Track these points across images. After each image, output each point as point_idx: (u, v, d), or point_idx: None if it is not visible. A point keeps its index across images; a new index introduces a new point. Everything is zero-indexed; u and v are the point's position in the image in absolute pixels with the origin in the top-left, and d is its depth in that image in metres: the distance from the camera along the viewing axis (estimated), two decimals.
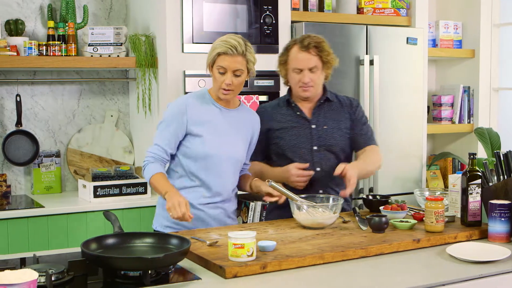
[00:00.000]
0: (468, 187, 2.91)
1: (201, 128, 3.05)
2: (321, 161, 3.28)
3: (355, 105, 3.39)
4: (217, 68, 3.03)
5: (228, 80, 3.00)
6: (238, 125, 3.15)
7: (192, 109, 3.07)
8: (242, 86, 3.09)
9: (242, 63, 3.01)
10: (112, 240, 2.47)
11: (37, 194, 4.36)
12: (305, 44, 3.20)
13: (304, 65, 3.21)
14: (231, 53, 2.99)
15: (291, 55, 3.25)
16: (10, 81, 4.35)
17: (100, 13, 4.62)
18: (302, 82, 3.22)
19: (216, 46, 3.04)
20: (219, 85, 3.04)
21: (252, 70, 3.09)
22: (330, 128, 3.30)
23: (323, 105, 3.34)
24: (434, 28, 5.42)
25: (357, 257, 2.54)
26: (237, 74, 3.01)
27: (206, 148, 3.04)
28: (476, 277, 2.36)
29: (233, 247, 2.36)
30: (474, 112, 5.47)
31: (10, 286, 1.88)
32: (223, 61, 3.00)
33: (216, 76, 3.04)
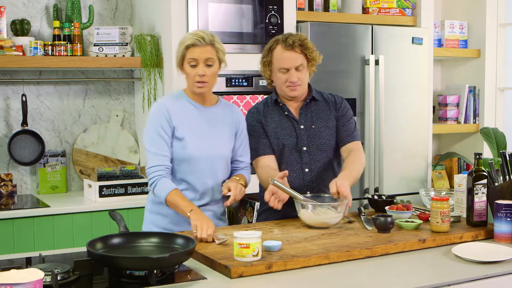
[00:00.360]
0: (474, 187, 2.90)
1: (182, 131, 3.02)
2: (310, 161, 3.25)
3: (339, 102, 3.36)
4: (188, 62, 2.99)
5: (200, 71, 2.97)
6: (219, 122, 3.11)
7: (173, 112, 3.03)
8: (215, 77, 3.05)
9: (212, 53, 2.98)
10: (117, 239, 2.48)
11: (43, 194, 4.36)
12: (290, 43, 3.17)
13: (290, 64, 3.18)
14: (199, 44, 2.96)
15: (275, 55, 3.22)
16: (16, 81, 4.36)
17: (105, 13, 4.63)
18: (289, 82, 3.19)
19: (183, 40, 3.01)
20: (193, 79, 3.00)
21: (224, 60, 3.06)
22: (318, 128, 3.28)
23: (309, 104, 3.31)
24: (440, 28, 5.41)
25: (363, 257, 2.54)
26: (209, 64, 2.98)
27: (189, 151, 3.01)
28: (482, 278, 2.35)
29: (239, 246, 2.36)
30: (479, 112, 5.46)
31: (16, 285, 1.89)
32: (193, 53, 2.97)
33: (188, 70, 3.00)
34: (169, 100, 3.10)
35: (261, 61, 3.31)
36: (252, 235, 2.37)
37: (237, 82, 4.26)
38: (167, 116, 3.02)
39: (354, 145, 3.30)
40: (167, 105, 3.05)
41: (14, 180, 4.38)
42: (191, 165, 3.03)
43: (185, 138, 3.01)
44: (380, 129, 4.67)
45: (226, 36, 4.21)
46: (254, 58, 4.29)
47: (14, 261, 2.50)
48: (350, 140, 3.30)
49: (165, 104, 3.06)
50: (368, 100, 4.64)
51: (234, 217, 4.53)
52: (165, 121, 3.01)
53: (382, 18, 4.89)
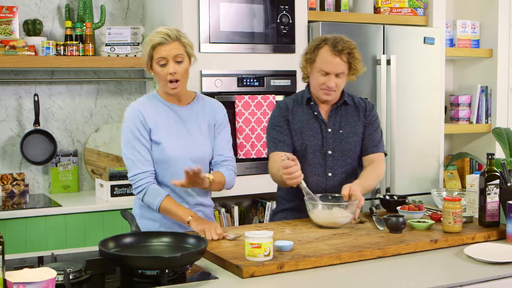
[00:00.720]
0: (486, 187, 2.89)
1: (158, 133, 2.97)
2: (334, 166, 3.21)
3: (369, 109, 3.31)
4: (157, 61, 2.92)
5: (171, 69, 2.90)
6: (195, 120, 3.05)
7: (147, 114, 2.98)
8: (187, 74, 2.99)
9: (180, 48, 2.92)
10: (129, 239, 2.48)
11: (55, 193, 4.38)
12: (339, 49, 3.09)
13: (332, 69, 3.11)
14: (166, 41, 2.90)
15: (321, 55, 3.13)
16: (28, 81, 4.37)
17: (117, 13, 4.64)
18: (326, 86, 3.13)
19: (148, 41, 2.95)
20: (165, 78, 2.93)
21: (193, 54, 3.00)
22: (345, 133, 3.23)
23: (339, 108, 3.26)
24: (452, 27, 5.39)
25: (374, 257, 2.53)
26: (178, 61, 2.92)
27: (166, 154, 2.96)
28: (494, 278, 2.34)
29: (250, 246, 2.36)
30: (491, 112, 5.44)
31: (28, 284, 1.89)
32: (160, 51, 2.90)
33: (159, 71, 2.93)
34: (142, 103, 3.04)
35: (303, 55, 3.23)
36: (264, 235, 2.37)
37: (249, 82, 4.25)
38: (142, 119, 2.96)
39: (377, 157, 3.26)
40: (139, 108, 3.00)
41: (26, 179, 4.40)
42: (170, 167, 2.98)
43: (162, 141, 2.97)
44: (392, 129, 4.66)
45: (237, 36, 4.21)
46: (265, 58, 4.31)
47: (27, 260, 2.51)
48: (374, 151, 3.26)
49: (137, 107, 3.00)
50: (380, 100, 4.63)
51: (245, 217, 4.54)
52: (140, 124, 2.96)
53: (393, 18, 4.87)
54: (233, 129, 4.22)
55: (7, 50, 4.01)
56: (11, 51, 4.02)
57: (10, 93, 4.36)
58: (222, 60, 4.19)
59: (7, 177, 4.31)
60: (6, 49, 4.01)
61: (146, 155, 2.96)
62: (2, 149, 4.35)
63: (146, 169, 2.95)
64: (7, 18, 4.19)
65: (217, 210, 4.28)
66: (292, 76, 4.35)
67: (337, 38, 3.16)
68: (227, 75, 4.19)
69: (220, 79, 4.16)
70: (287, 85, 4.35)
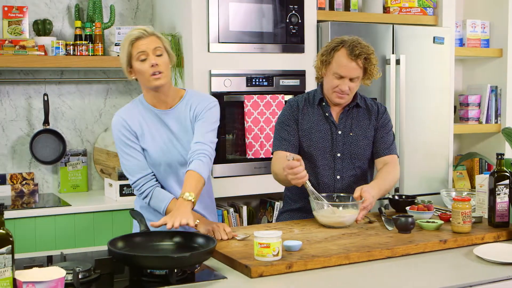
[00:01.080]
0: (495, 187, 2.88)
1: (144, 140, 2.94)
2: (343, 169, 3.18)
3: (382, 112, 3.28)
4: (137, 58, 2.85)
5: (152, 60, 2.83)
6: (180, 122, 2.98)
7: (131, 121, 2.94)
8: (169, 68, 2.91)
9: (158, 42, 2.87)
10: (138, 238, 2.49)
11: (64, 193, 4.39)
12: (356, 53, 3.05)
13: (348, 73, 3.07)
14: (143, 35, 2.85)
15: (337, 58, 3.08)
16: (38, 81, 4.39)
17: (126, 13, 4.65)
18: (339, 89, 3.10)
19: (126, 38, 2.89)
20: (147, 72, 2.85)
21: (170, 52, 2.93)
22: (356, 136, 3.20)
23: (351, 110, 3.23)
24: (461, 27, 5.38)
25: (383, 257, 2.53)
26: (158, 54, 2.85)
27: (153, 160, 2.94)
28: (504, 279, 2.34)
29: (259, 246, 2.36)
30: (501, 112, 5.42)
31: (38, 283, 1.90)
32: (139, 46, 2.84)
33: (140, 67, 2.86)
34: (125, 110, 3.00)
35: (319, 57, 3.17)
36: (273, 235, 2.37)
37: (258, 81, 4.25)
38: (126, 125, 2.94)
39: (390, 158, 3.23)
40: (122, 115, 2.97)
41: (35, 179, 4.42)
42: (160, 173, 2.97)
43: (147, 147, 2.94)
44: (401, 129, 4.65)
45: (246, 36, 4.21)
46: (274, 57, 4.31)
47: (36, 260, 2.52)
48: (387, 153, 3.22)
49: (121, 115, 2.98)
50: (389, 100, 4.62)
51: (254, 217, 4.54)
52: (126, 130, 2.93)
53: (403, 18, 4.86)
54: (242, 129, 4.23)
55: (17, 50, 4.02)
56: (21, 51, 4.03)
57: (20, 93, 4.37)
58: (231, 60, 4.19)
59: (16, 177, 4.33)
60: (16, 49, 4.02)
61: (141, 158, 2.95)
62: (12, 148, 4.37)
63: (145, 173, 2.94)
64: (17, 18, 4.21)
65: (226, 210, 4.28)
66: (301, 76, 4.35)
67: (355, 41, 3.11)
68: (236, 75, 4.19)
69: (229, 79, 4.16)
70: (296, 85, 4.35)
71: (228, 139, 4.24)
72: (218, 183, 4.13)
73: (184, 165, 2.93)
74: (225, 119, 4.17)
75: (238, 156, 4.25)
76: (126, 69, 2.93)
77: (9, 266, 1.94)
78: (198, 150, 2.84)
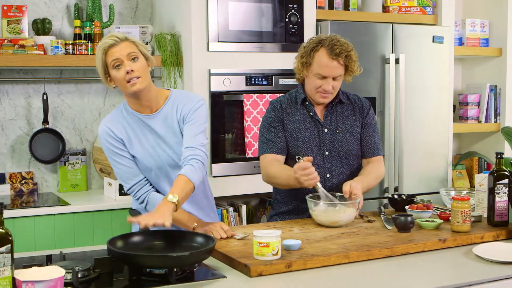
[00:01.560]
0: (495, 186, 2.88)
1: (131, 146, 2.91)
2: (332, 167, 3.17)
3: (367, 108, 3.26)
4: (112, 66, 2.78)
5: (127, 66, 2.75)
6: (166, 125, 2.93)
7: (117, 130, 2.91)
8: (147, 73, 2.82)
9: (131, 47, 2.79)
10: (138, 238, 2.49)
11: (63, 192, 4.39)
12: (337, 52, 3.02)
13: (330, 73, 3.05)
14: (115, 43, 2.77)
15: (317, 59, 3.06)
16: (37, 80, 4.39)
17: (126, 12, 4.65)
18: (323, 89, 3.08)
19: (99, 47, 2.81)
20: (123, 80, 2.78)
21: (148, 55, 2.85)
22: (342, 133, 3.19)
23: (335, 107, 3.21)
24: (461, 26, 5.38)
25: (383, 256, 2.53)
26: (133, 58, 2.77)
27: (143, 165, 2.92)
28: (503, 278, 2.34)
29: (258, 245, 2.36)
30: (500, 111, 5.42)
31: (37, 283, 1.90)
32: (113, 53, 2.77)
33: (116, 75, 2.79)
34: (109, 118, 2.96)
35: (299, 59, 3.15)
36: (272, 234, 2.37)
37: (257, 81, 4.26)
38: (112, 134, 2.90)
39: (376, 159, 3.26)
40: (107, 124, 2.93)
41: (35, 178, 4.42)
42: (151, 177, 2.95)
43: (135, 153, 2.92)
44: (400, 128, 4.65)
45: (245, 35, 4.21)
46: (273, 57, 4.31)
47: (35, 259, 2.52)
48: (373, 154, 3.24)
49: (105, 123, 2.94)
50: (388, 99, 4.62)
51: (253, 216, 4.54)
52: (112, 138, 2.90)
53: (402, 17, 4.87)
54: (241, 128, 4.23)
55: (16, 49, 4.02)
56: (20, 50, 4.03)
57: (19, 92, 4.37)
58: (230, 59, 4.19)
59: (16, 176, 4.33)
60: (15, 48, 4.02)
61: (131, 165, 2.92)
62: (11, 147, 4.37)
63: (138, 179, 2.93)
64: (16, 17, 4.20)
65: (225, 209, 4.29)
66: None
67: (334, 39, 3.08)
68: (235, 74, 4.19)
69: (229, 78, 4.16)
70: (296, 84, 4.31)
71: (227, 138, 4.24)
72: (217, 182, 4.13)
73: (175, 168, 2.90)
74: (224, 118, 4.17)
75: (237, 155, 4.25)
76: (104, 78, 2.86)
77: (8, 265, 1.93)
78: (189, 156, 2.78)
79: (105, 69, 2.82)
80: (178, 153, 2.89)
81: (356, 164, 3.26)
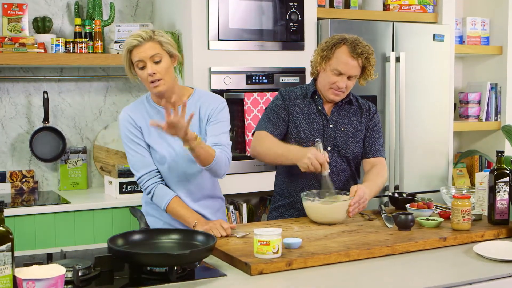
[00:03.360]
0: (495, 185, 2.89)
1: (149, 137, 2.96)
2: (332, 163, 3.16)
3: (373, 111, 3.29)
4: (136, 65, 2.86)
5: (149, 69, 2.82)
6: None
7: (136, 117, 2.97)
8: (170, 72, 2.89)
9: (155, 48, 2.84)
10: (138, 236, 2.49)
11: (64, 190, 4.39)
12: (358, 52, 3.05)
13: (347, 71, 3.08)
14: (139, 43, 2.82)
15: (338, 54, 3.08)
16: (38, 78, 4.38)
17: (126, 11, 4.65)
18: (336, 86, 3.10)
19: (125, 45, 2.88)
20: (146, 80, 2.86)
21: (173, 52, 2.90)
22: (347, 131, 3.21)
23: (344, 106, 3.24)
24: (461, 24, 5.38)
25: (383, 255, 2.53)
26: (156, 60, 2.83)
27: (158, 156, 2.94)
28: (504, 276, 2.34)
29: (259, 244, 2.36)
30: (501, 109, 5.42)
31: (38, 281, 1.90)
32: (136, 54, 2.83)
33: (140, 74, 2.87)
34: (131, 107, 3.03)
35: (319, 51, 3.16)
36: (272, 232, 2.37)
37: (257, 79, 4.25)
38: (132, 122, 2.96)
39: (379, 161, 3.25)
40: (128, 112, 2.99)
41: (35, 176, 4.42)
42: (163, 170, 2.96)
43: (153, 144, 2.95)
44: (401, 127, 4.65)
45: (246, 33, 4.21)
46: (274, 55, 4.31)
47: (36, 257, 2.52)
48: (376, 155, 3.25)
49: (126, 111, 3.00)
50: (389, 97, 4.62)
51: (253, 214, 4.54)
52: (131, 126, 2.96)
53: (403, 15, 4.86)
54: (241, 126, 4.23)
55: (16, 47, 4.02)
56: (21, 48, 4.03)
57: (19, 90, 4.37)
58: (231, 57, 4.19)
59: (16, 174, 4.33)
60: (16, 47, 4.02)
61: (145, 155, 2.96)
62: (12, 146, 4.37)
63: (150, 169, 2.95)
64: (17, 15, 4.20)
65: (226, 207, 4.29)
66: (301, 73, 4.35)
67: (357, 40, 3.12)
68: (236, 72, 4.19)
69: (229, 76, 4.16)
70: (296, 82, 4.35)
71: None
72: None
73: (189, 162, 2.92)
74: None
75: (238, 154, 4.24)
76: (130, 74, 2.95)
77: (9, 263, 1.94)
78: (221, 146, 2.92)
79: (130, 66, 2.91)
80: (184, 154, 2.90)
81: (356, 165, 3.27)
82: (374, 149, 3.25)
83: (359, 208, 2.95)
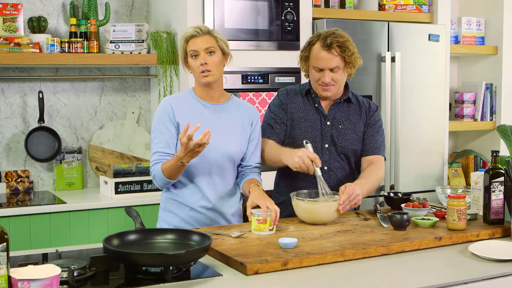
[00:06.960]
0: (490, 184, 2.89)
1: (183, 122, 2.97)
2: (330, 160, 3.19)
3: (373, 110, 3.28)
4: (190, 54, 3.00)
5: (202, 59, 2.96)
6: (227, 120, 3.06)
7: (177, 109, 3.01)
8: (220, 68, 3.02)
9: (211, 41, 2.98)
10: (133, 236, 2.49)
11: (59, 190, 4.39)
12: (328, 43, 3.06)
13: (325, 65, 3.08)
14: (197, 34, 2.98)
15: (313, 52, 3.12)
16: (33, 78, 4.38)
17: (121, 10, 4.64)
18: (322, 82, 3.11)
19: (183, 36, 3.03)
20: (197, 70, 2.99)
21: (226, 51, 3.04)
22: (345, 129, 3.21)
23: (342, 104, 3.24)
24: (457, 24, 5.38)
25: (378, 254, 2.53)
26: (210, 52, 2.97)
27: None
28: (499, 276, 2.34)
29: (257, 222, 2.71)
30: (496, 109, 5.43)
31: (33, 281, 1.90)
32: (192, 44, 2.98)
33: (192, 63, 3.00)
34: (175, 97, 3.10)
35: (300, 53, 3.23)
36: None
37: (253, 79, 4.26)
38: (171, 113, 3.00)
39: (377, 159, 3.23)
40: (171, 102, 3.04)
41: (30, 176, 4.41)
42: (197, 163, 2.96)
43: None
44: (396, 127, 4.66)
45: (241, 33, 4.21)
46: (269, 55, 4.31)
47: (31, 257, 2.52)
48: (375, 153, 3.24)
49: (169, 101, 3.06)
50: (384, 97, 4.62)
51: None
52: (168, 119, 2.99)
53: (398, 15, 4.87)
54: None
55: (11, 47, 4.02)
56: (16, 48, 4.02)
57: (14, 90, 4.37)
58: None
59: (11, 174, 4.32)
60: (11, 46, 4.02)
61: (169, 139, 2.99)
62: (7, 146, 4.36)
63: (165, 151, 2.98)
64: (12, 15, 4.19)
65: None
66: (296, 73, 4.35)
67: (329, 32, 3.13)
68: (231, 72, 4.18)
69: (225, 76, 4.15)
70: (292, 82, 4.35)
71: None
72: None
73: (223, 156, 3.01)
74: None
75: None
76: (184, 63, 3.09)
77: (4, 264, 1.93)
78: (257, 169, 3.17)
79: (185, 56, 3.05)
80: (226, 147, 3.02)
81: (355, 163, 3.27)
82: (373, 147, 3.24)
83: (351, 205, 2.93)
